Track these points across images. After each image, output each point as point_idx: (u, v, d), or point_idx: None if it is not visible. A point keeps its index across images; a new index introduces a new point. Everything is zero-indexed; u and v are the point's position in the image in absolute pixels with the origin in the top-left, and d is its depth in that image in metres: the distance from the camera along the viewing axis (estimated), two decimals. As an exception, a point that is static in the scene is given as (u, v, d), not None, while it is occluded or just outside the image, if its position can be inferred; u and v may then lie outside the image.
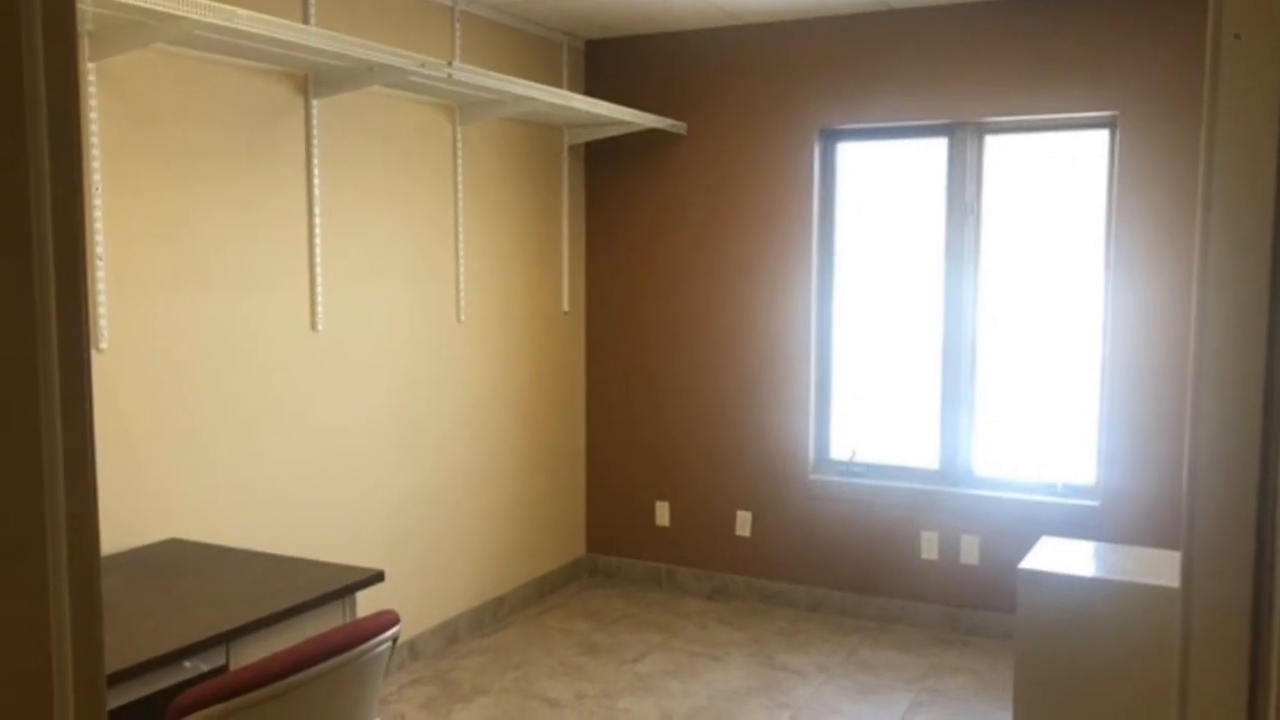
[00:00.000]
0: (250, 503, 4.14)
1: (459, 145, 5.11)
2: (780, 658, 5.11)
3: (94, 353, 3.50)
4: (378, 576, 3.32)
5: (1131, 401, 5.02)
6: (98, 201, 3.49)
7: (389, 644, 2.66)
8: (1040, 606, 3.45)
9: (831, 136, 5.65)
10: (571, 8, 5.30)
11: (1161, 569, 3.46)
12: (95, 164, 3.47)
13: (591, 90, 5.95)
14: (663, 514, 6.09)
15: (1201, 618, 1.00)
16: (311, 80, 4.30)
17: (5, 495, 0.73)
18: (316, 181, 4.35)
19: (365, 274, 4.64)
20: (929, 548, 5.46)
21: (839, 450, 5.77)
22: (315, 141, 4.34)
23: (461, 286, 5.17)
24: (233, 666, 2.85)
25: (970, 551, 5.38)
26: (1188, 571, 1.01)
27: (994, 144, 5.34)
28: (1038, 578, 3.46)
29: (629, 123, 5.57)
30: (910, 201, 5.53)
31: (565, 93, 5.06)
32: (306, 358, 4.37)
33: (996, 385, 5.43)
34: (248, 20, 3.43)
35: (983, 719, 4.49)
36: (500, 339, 5.49)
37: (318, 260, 4.37)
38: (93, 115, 3.46)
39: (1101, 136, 5.13)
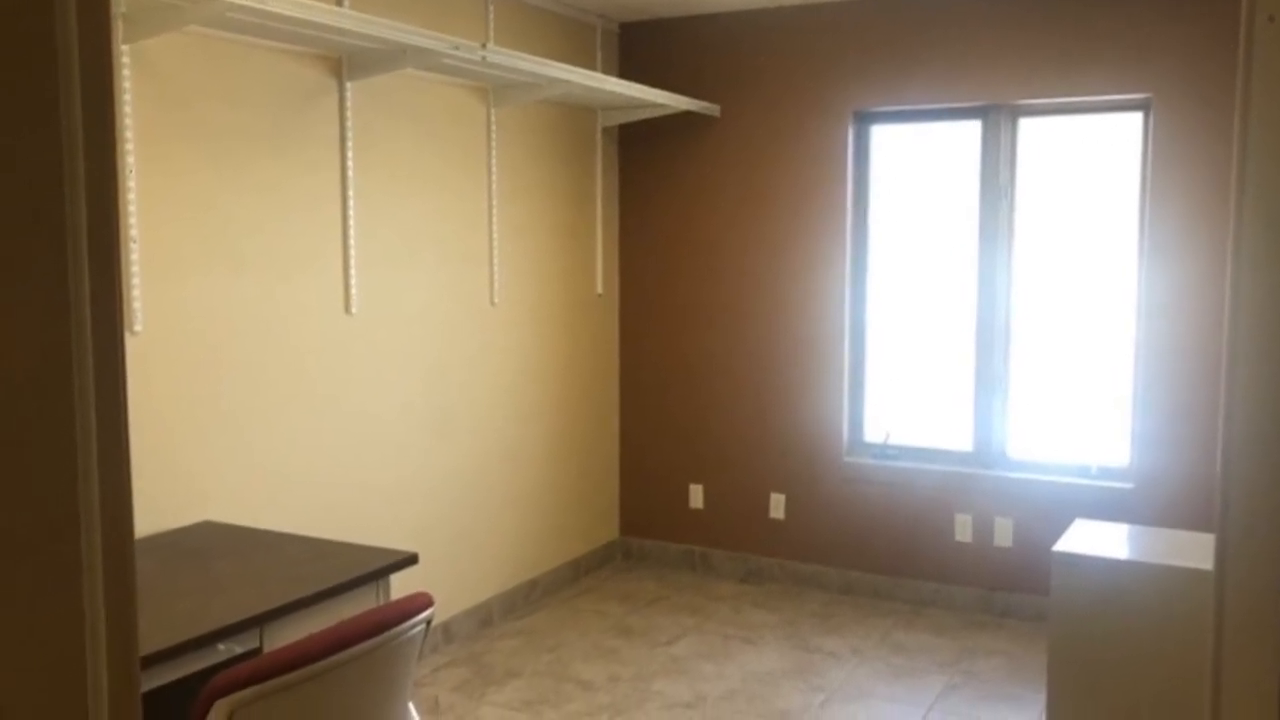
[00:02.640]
0: (284, 485, 4.17)
1: (493, 128, 5.11)
2: (814, 640, 5.11)
3: (128, 335, 3.53)
4: (412, 559, 3.33)
5: (1165, 384, 4.97)
6: (131, 184, 3.51)
7: (423, 626, 2.67)
8: (1074, 589, 3.43)
9: (865, 119, 5.62)
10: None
11: (1195, 551, 3.44)
12: (129, 146, 3.49)
13: (625, 73, 5.93)
14: (696, 496, 6.09)
15: (1235, 600, 0.99)
16: (345, 62, 4.31)
17: (40, 478, 0.73)
18: (350, 164, 4.36)
19: (399, 257, 4.65)
20: (963, 530, 5.45)
21: (873, 432, 5.75)
22: (349, 124, 4.35)
23: (495, 269, 5.18)
24: (267, 649, 2.87)
25: (1004, 534, 5.36)
26: (1221, 554, 1.00)
27: (1028, 126, 5.30)
28: (1071, 560, 3.44)
29: (663, 105, 5.55)
30: (944, 184, 5.50)
31: (599, 75, 5.06)
32: (340, 341, 4.39)
33: (1030, 367, 5.39)
34: (281, 2, 3.44)
35: (1016, 702, 4.48)
36: (534, 322, 5.49)
37: (351, 243, 4.39)
38: (126, 98, 3.48)
39: (1135, 119, 5.07)
